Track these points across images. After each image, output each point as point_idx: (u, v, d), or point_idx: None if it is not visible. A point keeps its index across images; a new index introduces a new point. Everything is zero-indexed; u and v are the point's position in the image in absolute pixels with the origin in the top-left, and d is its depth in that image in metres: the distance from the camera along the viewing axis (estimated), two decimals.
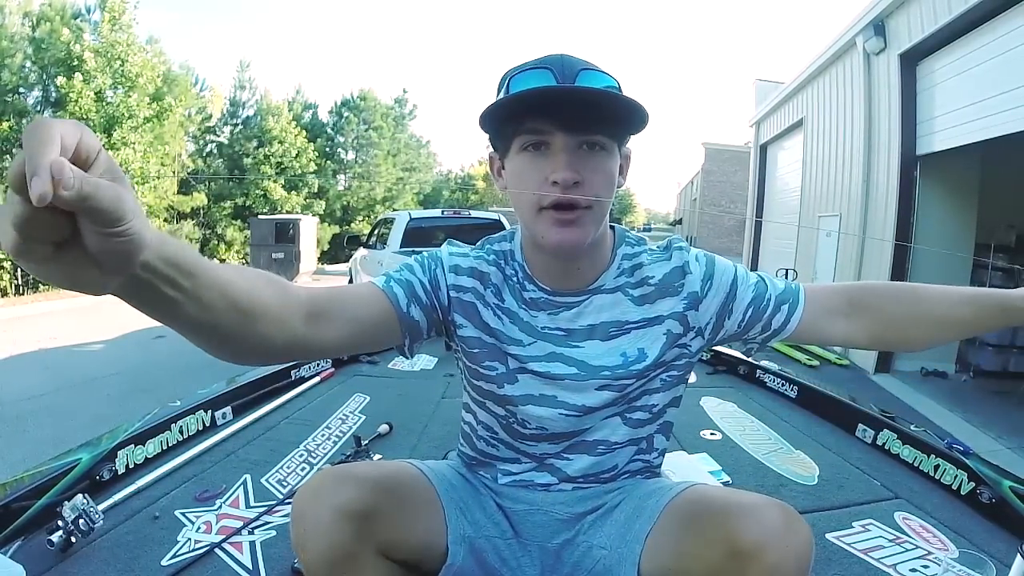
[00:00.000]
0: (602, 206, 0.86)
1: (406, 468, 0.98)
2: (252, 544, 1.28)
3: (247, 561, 1.21)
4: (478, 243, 1.04)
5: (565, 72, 0.81)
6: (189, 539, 1.28)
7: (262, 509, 1.41)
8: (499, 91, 0.86)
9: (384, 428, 1.95)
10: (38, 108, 14.29)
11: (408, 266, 0.97)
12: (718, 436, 2.03)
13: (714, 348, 2.92)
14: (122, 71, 13.51)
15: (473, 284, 0.97)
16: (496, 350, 0.95)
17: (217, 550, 1.24)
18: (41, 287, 13.31)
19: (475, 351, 0.96)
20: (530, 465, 1.02)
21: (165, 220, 16.63)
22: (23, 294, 13.02)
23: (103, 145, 0.46)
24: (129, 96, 13.51)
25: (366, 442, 1.78)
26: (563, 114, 0.81)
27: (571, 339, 0.95)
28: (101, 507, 1.29)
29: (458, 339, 0.97)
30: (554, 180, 0.82)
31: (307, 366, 2.45)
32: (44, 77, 13.92)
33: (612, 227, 0.99)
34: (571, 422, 0.96)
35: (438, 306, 0.95)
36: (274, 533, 1.32)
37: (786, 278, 1.01)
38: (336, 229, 21.49)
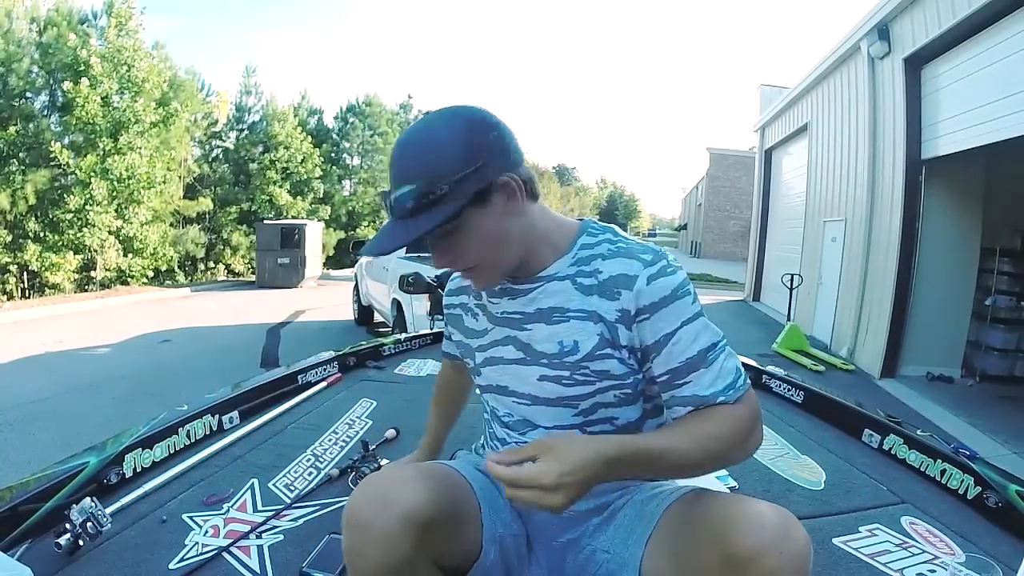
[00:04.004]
0: (486, 260, 0.94)
1: (450, 471, 1.00)
2: (260, 548, 1.28)
3: (255, 565, 1.22)
4: None
5: (390, 196, 0.91)
6: (196, 543, 1.29)
7: (270, 513, 1.42)
8: None
9: (391, 433, 1.95)
10: (45, 112, 14.36)
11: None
12: None
13: None
14: (128, 76, 13.53)
15: (460, 300, 1.17)
16: (469, 348, 1.13)
17: (224, 554, 1.25)
18: (47, 291, 13.37)
19: (460, 351, 1.19)
20: None
21: (171, 225, 16.67)
22: (29, 297, 13.08)
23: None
24: (135, 101, 13.52)
25: (373, 447, 1.78)
26: None
27: (524, 322, 1.02)
28: (109, 510, 1.29)
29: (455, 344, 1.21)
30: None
31: (314, 371, 2.46)
32: (51, 82, 13.95)
33: (581, 219, 1.05)
34: (523, 411, 1.04)
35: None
36: (281, 537, 1.33)
37: (741, 372, 0.94)
38: (342, 234, 21.48)
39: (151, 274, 15.08)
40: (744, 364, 2.76)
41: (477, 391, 1.17)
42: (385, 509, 0.80)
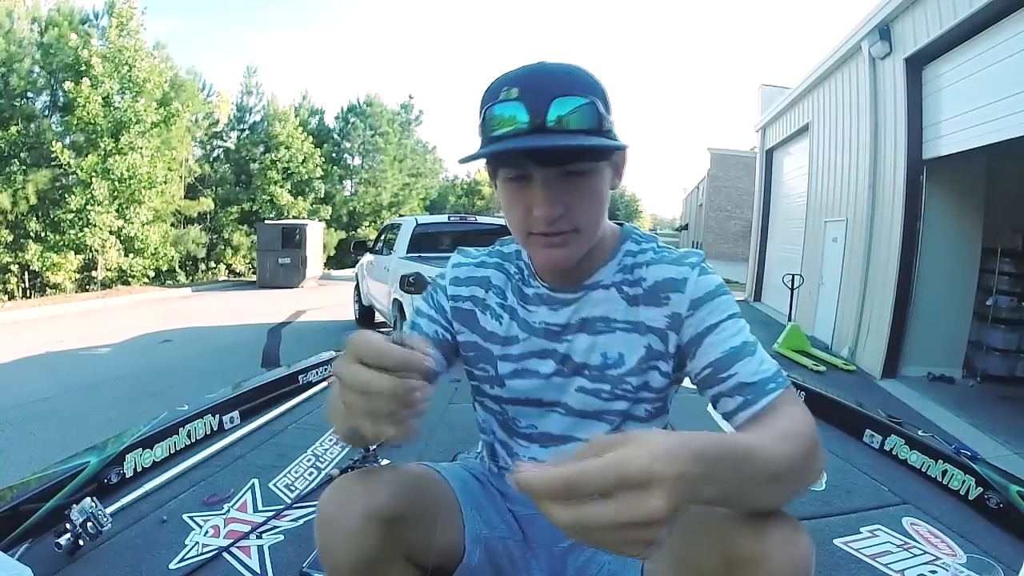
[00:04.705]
0: (590, 225, 0.87)
1: (426, 471, 0.99)
2: (260, 548, 1.28)
3: (255, 565, 1.22)
4: (496, 242, 1.07)
5: (537, 103, 0.77)
6: (197, 543, 1.29)
7: (270, 513, 1.42)
8: (480, 112, 0.83)
9: None
10: (46, 112, 14.37)
11: (417, 309, 1.05)
12: None
13: None
14: (129, 76, 13.54)
15: (472, 292, 1.03)
16: (488, 354, 1.00)
17: (225, 554, 1.25)
18: (48, 291, 13.38)
19: (470, 354, 1.02)
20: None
21: (172, 225, 16.68)
22: (30, 297, 13.09)
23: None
24: (136, 101, 13.53)
25: (374, 447, 1.78)
26: (539, 152, 0.80)
27: (564, 334, 0.95)
28: (109, 510, 1.29)
29: (459, 344, 1.03)
30: (536, 215, 0.83)
31: (314, 371, 2.46)
32: (52, 82, 13.97)
33: (621, 224, 1.00)
34: (554, 422, 0.97)
35: (450, 324, 1.03)
36: (282, 537, 1.33)
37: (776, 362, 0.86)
38: (343, 234, 21.49)
39: (152, 274, 15.10)
40: None
41: (483, 394, 1.06)
42: (346, 505, 0.81)
